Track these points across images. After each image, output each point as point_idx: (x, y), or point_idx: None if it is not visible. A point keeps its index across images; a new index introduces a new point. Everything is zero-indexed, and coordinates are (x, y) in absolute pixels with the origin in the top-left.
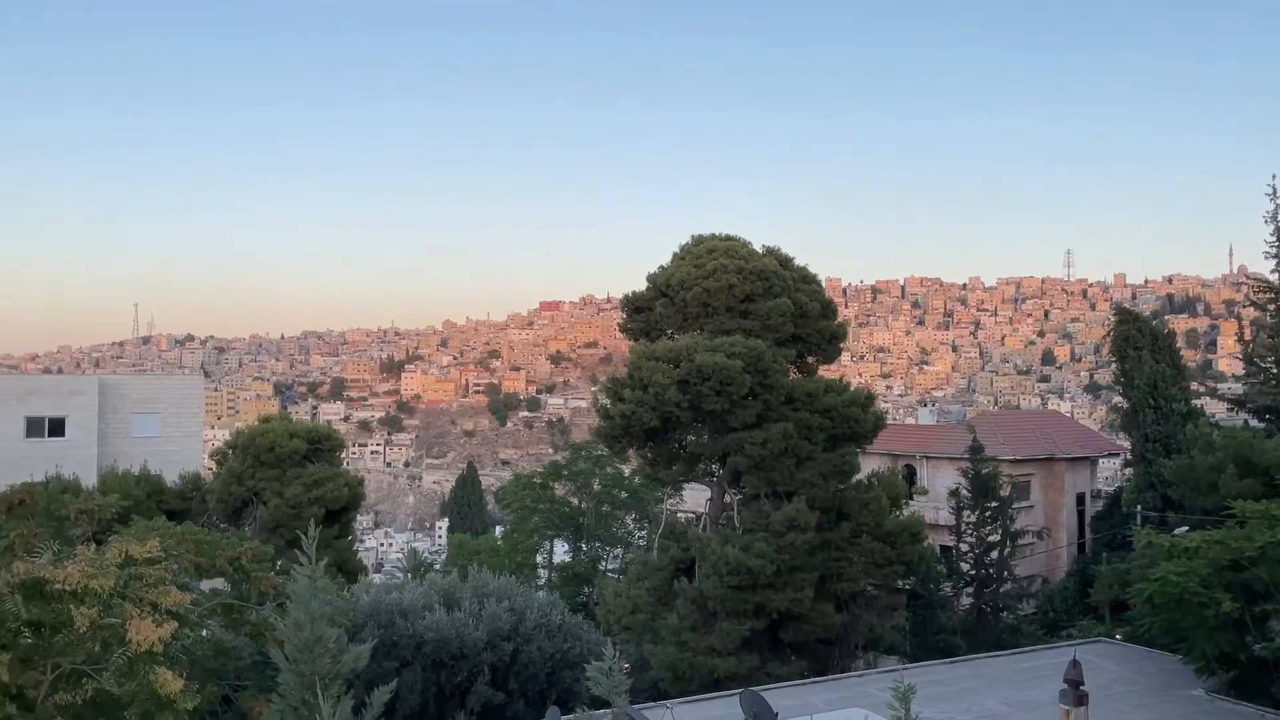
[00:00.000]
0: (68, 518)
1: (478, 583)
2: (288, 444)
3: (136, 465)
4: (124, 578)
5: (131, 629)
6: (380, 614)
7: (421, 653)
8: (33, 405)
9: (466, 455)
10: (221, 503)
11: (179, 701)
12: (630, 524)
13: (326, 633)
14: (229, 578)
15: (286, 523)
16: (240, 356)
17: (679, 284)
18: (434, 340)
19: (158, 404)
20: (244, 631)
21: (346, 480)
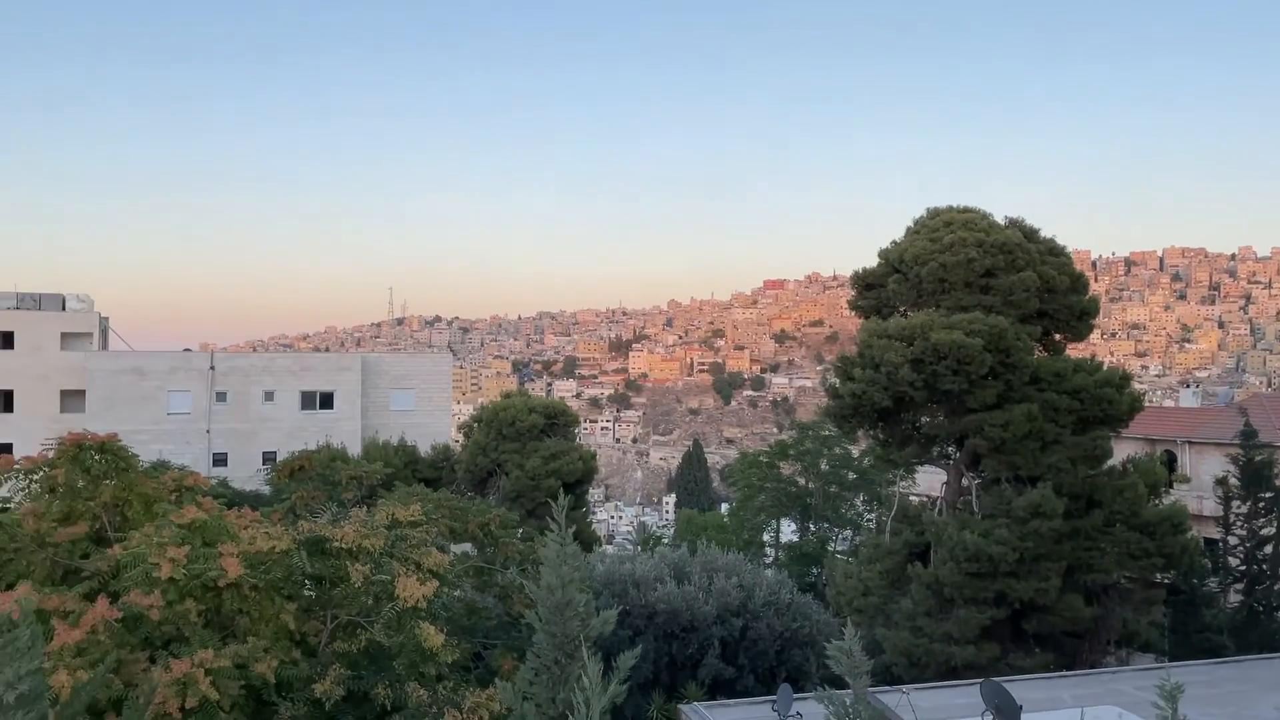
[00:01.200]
0: (340, 482)
1: (706, 558)
2: (527, 419)
3: (395, 436)
4: (391, 539)
5: (399, 586)
6: (614, 584)
7: (654, 623)
8: (307, 381)
9: (691, 433)
10: (469, 472)
11: (441, 655)
12: (859, 505)
13: (576, 597)
14: (478, 542)
15: (526, 493)
16: (482, 336)
17: (913, 259)
18: (660, 320)
19: (412, 380)
20: (493, 593)
21: (581, 454)
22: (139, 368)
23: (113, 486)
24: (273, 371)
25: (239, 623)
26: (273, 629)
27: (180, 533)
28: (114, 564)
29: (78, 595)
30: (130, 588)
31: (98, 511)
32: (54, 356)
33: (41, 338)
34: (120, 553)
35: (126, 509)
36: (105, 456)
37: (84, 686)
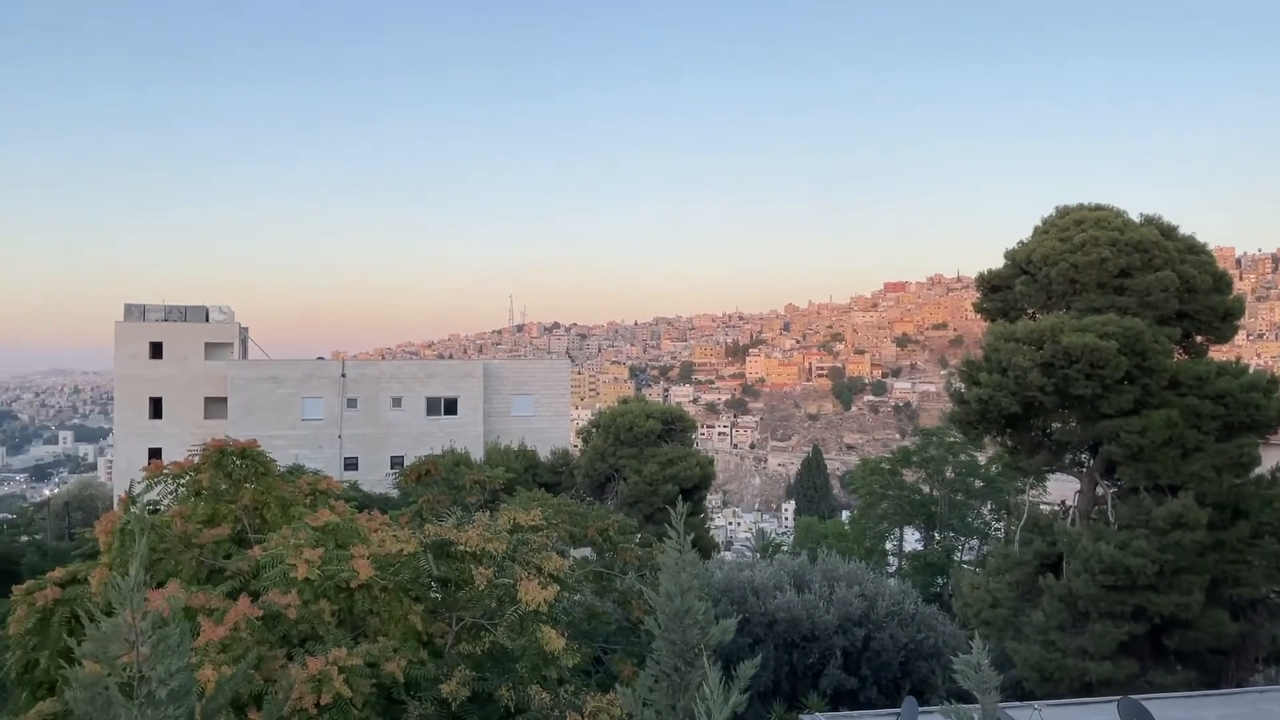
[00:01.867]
0: (463, 487)
1: (827, 566)
2: (644, 424)
3: (515, 441)
4: (513, 543)
5: (521, 589)
6: (733, 590)
7: (774, 631)
8: (432, 387)
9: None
10: (587, 477)
11: (562, 658)
12: (986, 514)
13: (695, 605)
14: (597, 547)
15: (644, 498)
16: (599, 342)
17: (1042, 259)
18: (777, 324)
19: (531, 386)
20: (612, 598)
21: (698, 460)
22: (275, 376)
23: (252, 490)
24: (400, 378)
25: (369, 623)
26: (401, 629)
27: (315, 535)
28: (254, 564)
29: (221, 594)
30: (269, 587)
31: (239, 514)
32: (198, 366)
33: (187, 348)
34: (260, 554)
35: (265, 511)
36: (246, 461)
37: (228, 681)
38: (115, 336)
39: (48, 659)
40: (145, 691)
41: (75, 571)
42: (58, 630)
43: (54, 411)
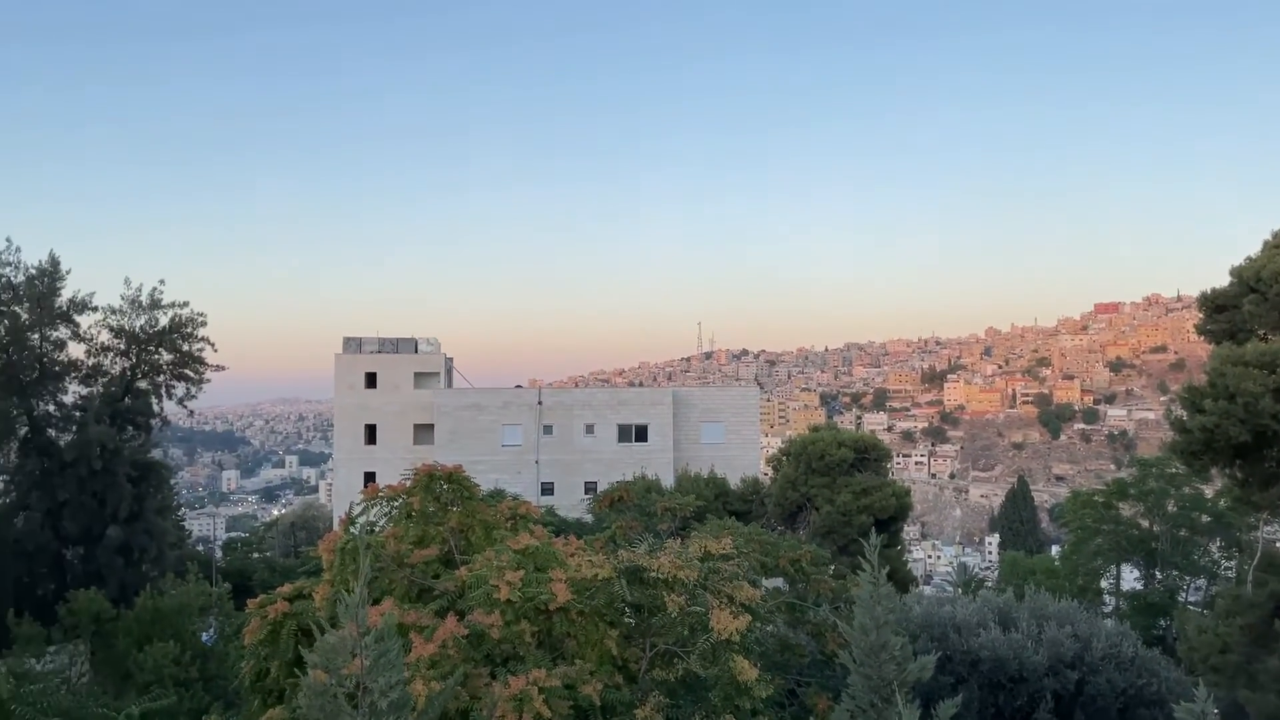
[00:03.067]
0: (655, 513)
1: (1035, 604)
2: (836, 452)
3: (705, 468)
4: (704, 571)
5: (713, 618)
6: (933, 627)
7: (977, 670)
8: (623, 414)
9: (1015, 469)
10: (778, 506)
11: (755, 689)
12: (1215, 552)
13: (891, 640)
14: (788, 578)
15: (837, 528)
16: (789, 369)
17: (1273, 276)
18: (977, 349)
19: (721, 413)
20: (805, 630)
21: (894, 490)
22: (477, 403)
23: (458, 513)
24: (592, 406)
25: (567, 645)
26: (597, 653)
27: (516, 558)
28: (460, 584)
29: (430, 612)
30: (474, 607)
31: (446, 536)
32: (408, 394)
33: (398, 378)
34: (465, 574)
35: (470, 534)
36: (452, 485)
37: (437, 696)
38: (335, 368)
39: (277, 668)
40: (369, 701)
41: (301, 587)
42: (286, 641)
43: (281, 437)
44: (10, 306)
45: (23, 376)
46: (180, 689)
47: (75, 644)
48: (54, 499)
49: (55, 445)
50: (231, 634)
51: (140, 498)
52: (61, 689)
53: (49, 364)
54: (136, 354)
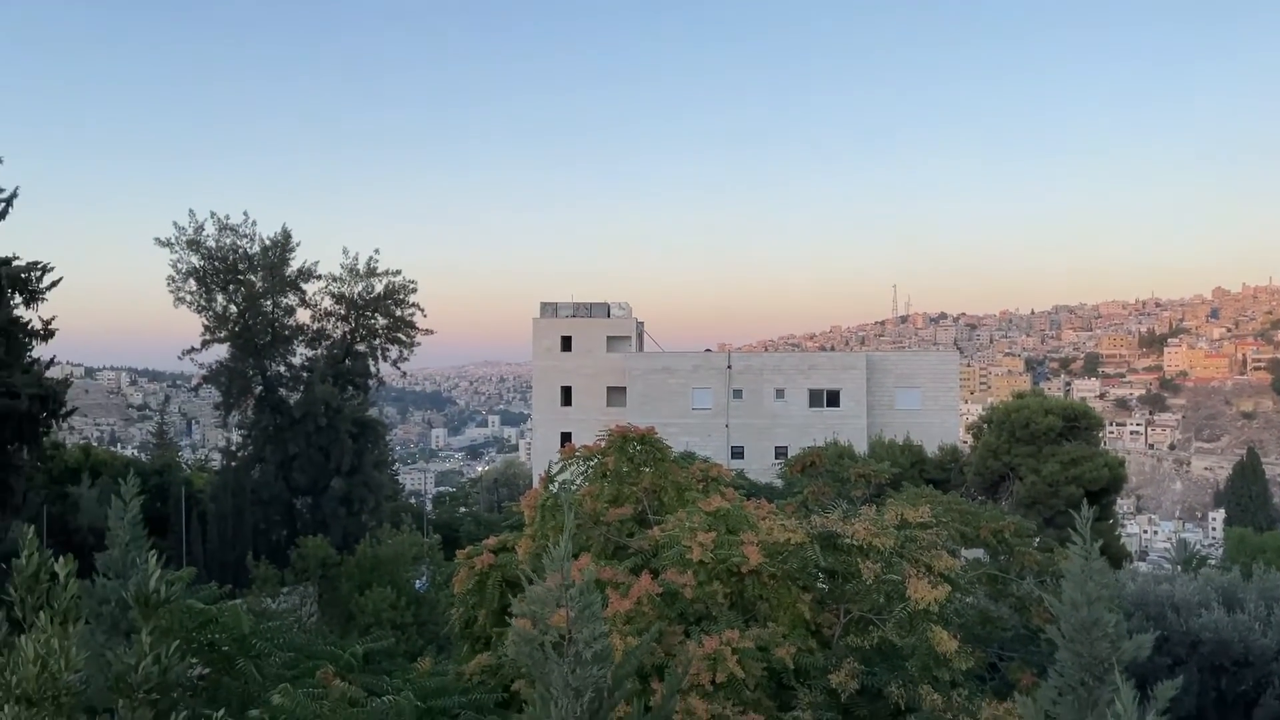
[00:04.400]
0: (848, 480)
1: (1265, 584)
2: (1043, 421)
3: (899, 435)
4: (901, 539)
5: (910, 587)
6: (1148, 605)
7: (1197, 653)
8: (814, 379)
9: (1244, 440)
10: (978, 475)
11: (954, 661)
12: None
13: (1104, 616)
14: (990, 549)
15: (1043, 500)
16: (990, 333)
17: None
18: (1202, 311)
19: (917, 379)
20: (1008, 603)
21: (1106, 461)
22: (668, 367)
23: (651, 474)
24: (783, 370)
25: (759, 608)
26: (789, 617)
27: (707, 519)
28: (653, 544)
29: (625, 569)
30: (667, 566)
31: (639, 496)
32: (601, 358)
33: (592, 341)
34: (658, 534)
35: (662, 495)
36: (644, 447)
37: (634, 651)
38: (533, 332)
39: (484, 617)
40: (573, 651)
41: (505, 540)
42: (492, 591)
43: (484, 398)
44: (247, 275)
45: (257, 340)
46: (397, 631)
47: (305, 586)
48: (285, 452)
49: (285, 403)
50: (442, 582)
51: (360, 452)
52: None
53: (280, 328)
54: (355, 319)
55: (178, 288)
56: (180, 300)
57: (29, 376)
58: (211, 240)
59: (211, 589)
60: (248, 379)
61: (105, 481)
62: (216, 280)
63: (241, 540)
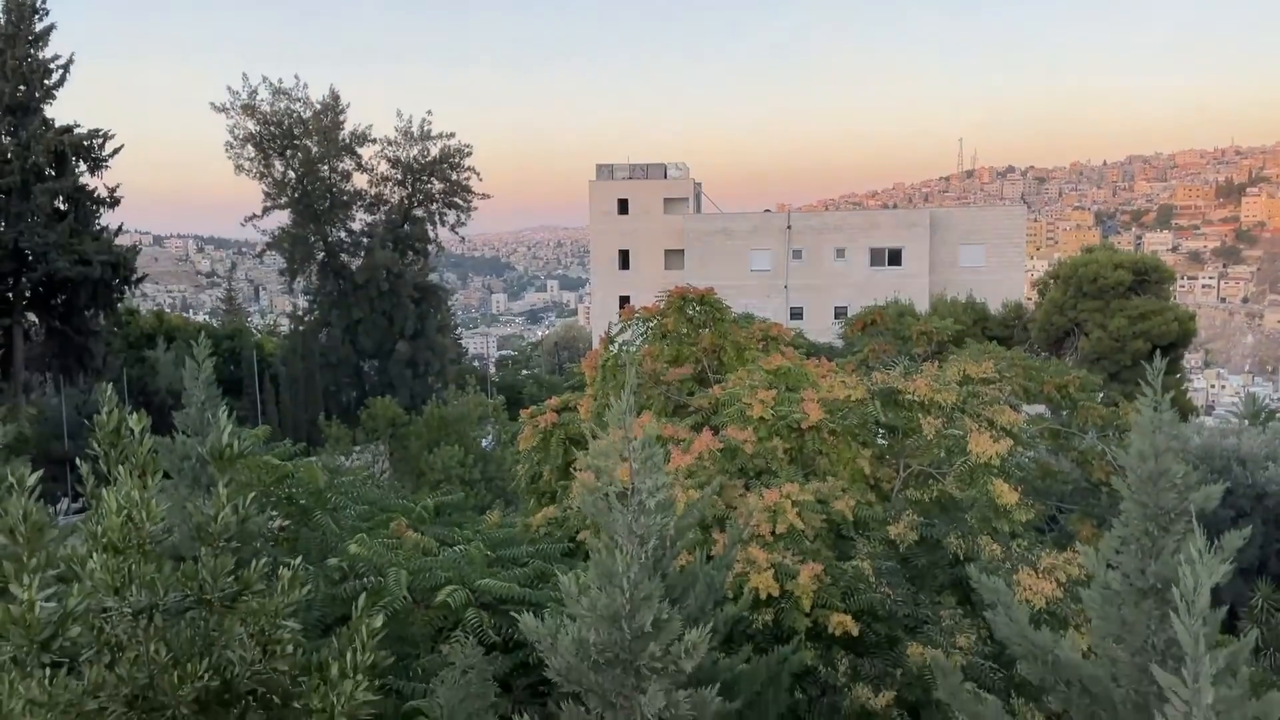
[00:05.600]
0: (909, 337)
1: None
2: (1111, 275)
3: (962, 293)
4: (963, 394)
5: (971, 441)
6: (1214, 459)
7: (1262, 505)
8: (875, 237)
9: None
10: (1043, 332)
11: (1014, 513)
12: None
13: (1172, 467)
14: (1053, 404)
15: (1109, 355)
16: (1060, 186)
17: None
18: None
19: (982, 235)
20: (1070, 457)
21: (1176, 315)
22: (726, 228)
23: (710, 334)
24: (843, 229)
25: (819, 463)
26: (849, 471)
27: (767, 377)
28: (713, 402)
29: (686, 427)
30: (727, 423)
31: (699, 355)
32: (659, 220)
33: (649, 203)
34: (718, 392)
35: (722, 354)
36: (704, 308)
37: (696, 503)
38: (589, 194)
39: (549, 473)
40: (637, 501)
41: (567, 400)
42: (556, 448)
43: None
44: (302, 141)
45: (316, 206)
46: (465, 487)
47: (376, 445)
48: (350, 317)
49: (348, 269)
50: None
51: (422, 317)
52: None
53: (338, 194)
54: (412, 183)
55: (236, 154)
56: (240, 168)
57: (100, 243)
58: (266, 105)
59: (286, 446)
60: (310, 245)
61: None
62: (273, 145)
63: (313, 402)
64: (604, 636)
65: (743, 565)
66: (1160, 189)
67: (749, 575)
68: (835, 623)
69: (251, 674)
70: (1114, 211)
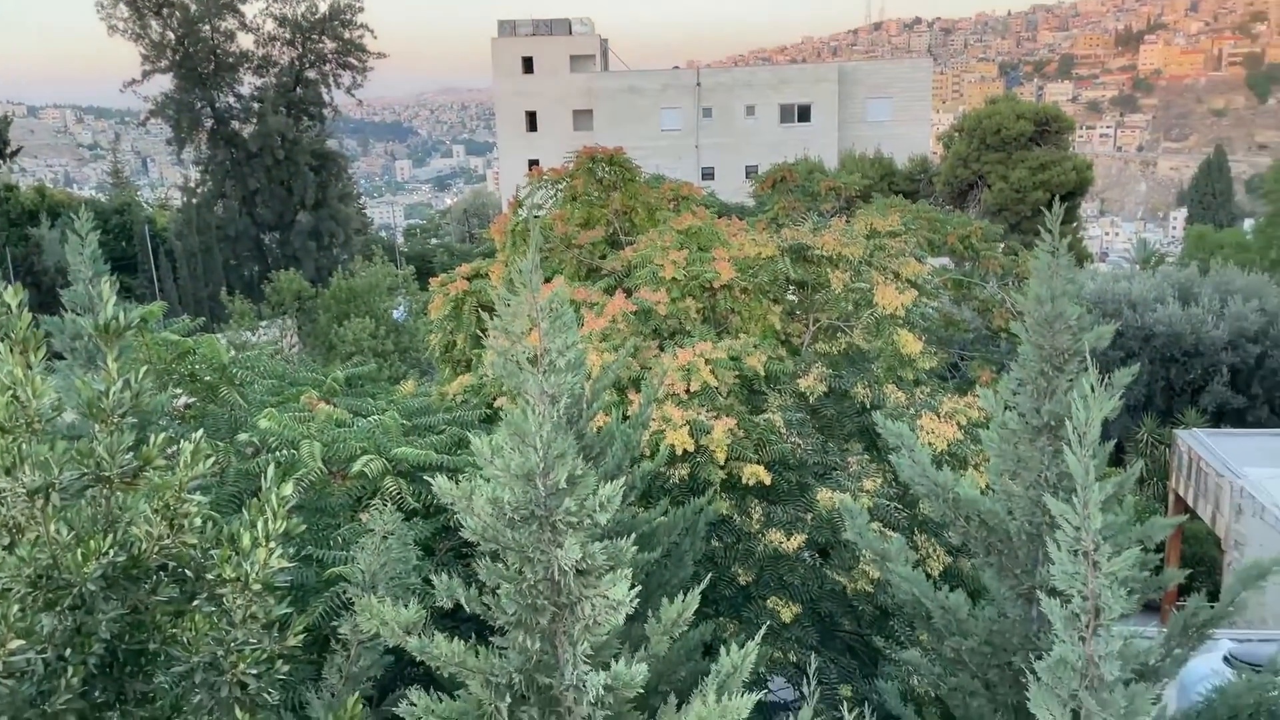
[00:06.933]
0: (818, 194)
1: (1220, 279)
2: (1014, 126)
3: (871, 148)
4: (870, 248)
5: (878, 293)
6: (1106, 303)
7: (1150, 345)
8: (785, 94)
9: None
10: (947, 185)
11: (918, 361)
12: None
13: (1067, 310)
14: (957, 255)
15: (1010, 206)
16: (965, 37)
17: None
18: (1182, 4)
19: (889, 89)
20: (971, 306)
21: (1074, 164)
22: (635, 87)
23: (620, 196)
24: (753, 85)
25: (731, 321)
26: (760, 328)
27: (679, 238)
28: (626, 264)
29: (599, 290)
30: (640, 285)
31: (610, 218)
32: (565, 79)
33: (555, 62)
34: (630, 254)
35: (633, 216)
36: (613, 168)
37: (610, 365)
38: (492, 53)
39: (462, 341)
40: (546, 361)
41: (478, 267)
42: (468, 316)
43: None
44: None
45: (200, 69)
46: (379, 359)
47: (283, 320)
48: (246, 187)
49: (239, 136)
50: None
51: (323, 186)
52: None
53: (222, 55)
54: (302, 43)
55: (108, 14)
56: (114, 29)
57: None
58: None
59: (185, 322)
60: (196, 111)
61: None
62: (147, 3)
63: (212, 276)
64: (519, 495)
65: (659, 423)
66: (1062, 39)
67: (665, 432)
68: (748, 473)
69: (160, 549)
70: (1017, 63)
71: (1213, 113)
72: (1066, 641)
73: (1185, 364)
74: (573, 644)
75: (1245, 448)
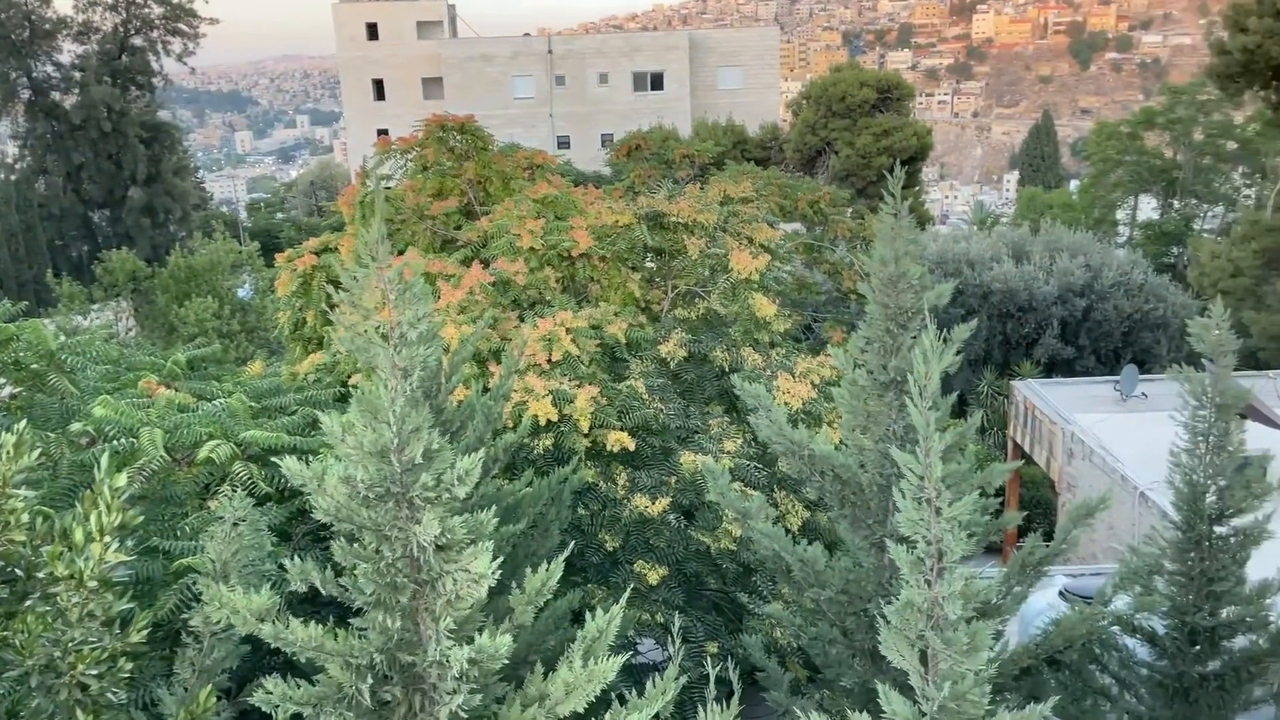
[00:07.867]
0: (673, 161)
1: (1049, 237)
2: (858, 93)
3: (723, 116)
4: (724, 214)
5: (733, 259)
6: (947, 263)
7: (988, 302)
8: (637, 61)
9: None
10: (797, 151)
11: (774, 324)
12: (1237, 179)
13: (910, 269)
14: (808, 220)
15: (856, 171)
16: (810, 6)
17: None
18: None
19: (739, 57)
20: (822, 269)
21: (915, 130)
22: (485, 54)
23: (474, 165)
24: (605, 53)
25: (591, 290)
26: (620, 296)
27: (536, 207)
28: (482, 235)
29: (455, 262)
30: (498, 255)
31: (464, 188)
32: (412, 45)
33: (400, 28)
34: (487, 225)
35: (488, 185)
36: (465, 137)
37: (469, 338)
38: (334, 18)
39: (312, 317)
40: (398, 334)
41: (326, 241)
42: (318, 292)
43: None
44: None
45: (13, 36)
46: (224, 340)
47: (117, 302)
48: (70, 162)
49: (61, 108)
50: (266, 289)
51: (156, 159)
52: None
53: (37, 21)
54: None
55: None
56: None
57: None
58: None
59: (5, 306)
60: (11, 82)
61: None
62: None
63: (37, 257)
64: (373, 473)
65: (521, 394)
66: (900, 8)
67: (528, 403)
68: (613, 440)
69: None
70: (860, 31)
71: (1040, 79)
72: (913, 585)
73: (1020, 319)
74: (435, 620)
75: (1075, 396)
